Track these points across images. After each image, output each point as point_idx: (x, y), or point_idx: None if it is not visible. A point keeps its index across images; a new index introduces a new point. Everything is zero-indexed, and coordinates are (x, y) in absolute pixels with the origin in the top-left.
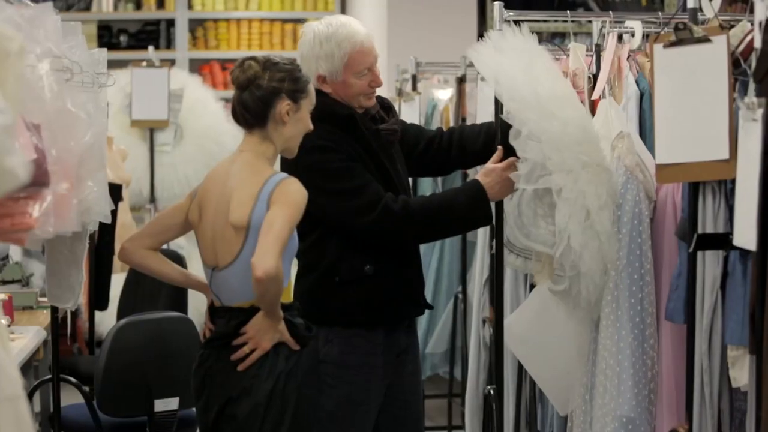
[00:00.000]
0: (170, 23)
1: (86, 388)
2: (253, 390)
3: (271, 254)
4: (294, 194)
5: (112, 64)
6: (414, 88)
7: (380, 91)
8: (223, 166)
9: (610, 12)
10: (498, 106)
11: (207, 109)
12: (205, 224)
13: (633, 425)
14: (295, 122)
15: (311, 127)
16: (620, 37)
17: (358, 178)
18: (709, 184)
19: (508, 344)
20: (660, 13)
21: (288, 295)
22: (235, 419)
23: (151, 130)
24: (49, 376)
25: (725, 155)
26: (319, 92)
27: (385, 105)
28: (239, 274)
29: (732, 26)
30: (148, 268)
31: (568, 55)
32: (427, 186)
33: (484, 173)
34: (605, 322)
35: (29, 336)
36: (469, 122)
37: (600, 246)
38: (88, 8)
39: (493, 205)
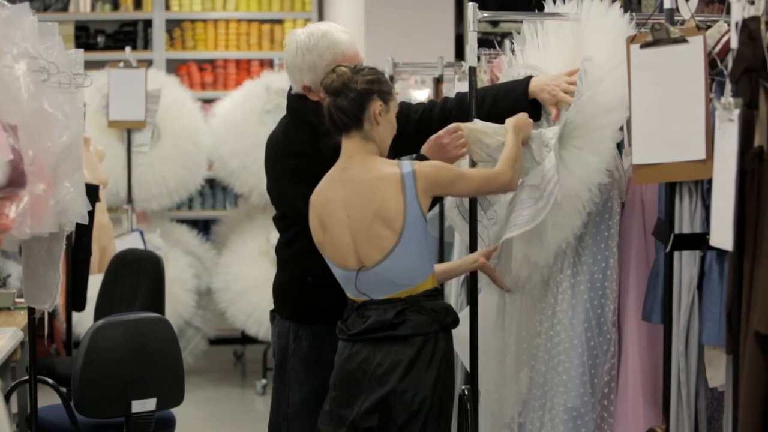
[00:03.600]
0: (147, 24)
1: (63, 389)
2: (417, 382)
3: (497, 178)
4: (442, 175)
5: (90, 65)
6: None
7: None
8: (332, 177)
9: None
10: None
11: (184, 110)
12: (338, 233)
13: (578, 413)
14: (386, 123)
15: (395, 131)
16: None
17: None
18: (686, 184)
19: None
20: (634, 14)
21: (435, 280)
22: (406, 409)
23: (128, 130)
24: (27, 377)
25: (702, 155)
26: (303, 98)
27: None
28: (395, 268)
29: (708, 27)
30: None
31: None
32: None
33: (423, 147)
34: (560, 315)
35: (6, 337)
36: None
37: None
38: (65, 9)
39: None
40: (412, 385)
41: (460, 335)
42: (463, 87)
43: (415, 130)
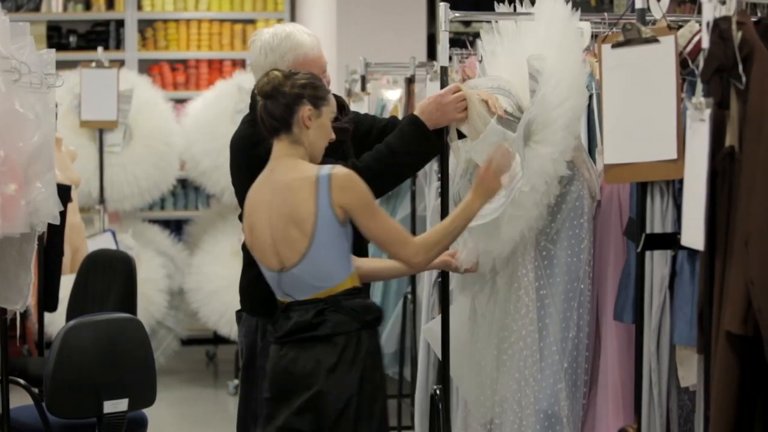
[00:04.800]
0: (120, 24)
1: (36, 390)
2: (342, 381)
3: (407, 244)
4: (357, 188)
5: (62, 65)
6: (363, 88)
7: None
8: (262, 179)
9: None
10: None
11: (156, 110)
12: (261, 234)
13: (556, 419)
14: (317, 128)
15: (333, 136)
16: None
17: None
18: (658, 184)
19: (432, 345)
20: (606, 14)
21: (356, 280)
22: (333, 410)
23: (100, 130)
24: None
25: (673, 155)
26: None
27: (338, 104)
28: (311, 270)
29: (680, 26)
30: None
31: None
32: None
33: (420, 104)
34: (532, 316)
35: None
36: None
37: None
38: (37, 9)
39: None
40: (336, 385)
41: (437, 336)
42: (435, 87)
43: (376, 140)
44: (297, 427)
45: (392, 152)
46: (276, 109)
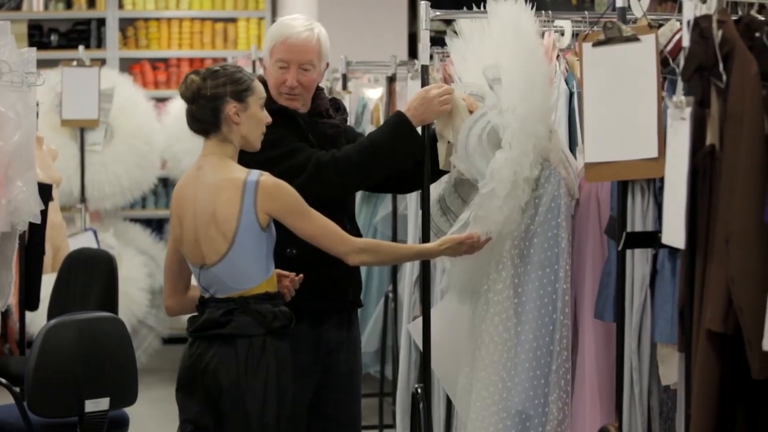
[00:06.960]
0: (101, 22)
1: (17, 389)
2: (243, 384)
3: (344, 242)
4: (285, 195)
5: (43, 64)
6: (344, 87)
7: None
8: (189, 174)
9: (542, 11)
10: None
11: (137, 109)
12: (187, 229)
13: (526, 418)
14: (247, 119)
15: (269, 119)
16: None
17: (289, 144)
18: (638, 182)
19: (416, 341)
20: (587, 12)
21: (273, 285)
22: (236, 411)
23: (81, 129)
24: None
25: (654, 154)
26: (263, 81)
27: (336, 105)
28: (227, 272)
29: (661, 25)
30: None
31: None
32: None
33: (408, 101)
34: (505, 314)
35: None
36: None
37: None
38: (18, 7)
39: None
40: (237, 387)
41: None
42: (416, 85)
43: None
44: (201, 423)
45: (373, 142)
46: (202, 114)
